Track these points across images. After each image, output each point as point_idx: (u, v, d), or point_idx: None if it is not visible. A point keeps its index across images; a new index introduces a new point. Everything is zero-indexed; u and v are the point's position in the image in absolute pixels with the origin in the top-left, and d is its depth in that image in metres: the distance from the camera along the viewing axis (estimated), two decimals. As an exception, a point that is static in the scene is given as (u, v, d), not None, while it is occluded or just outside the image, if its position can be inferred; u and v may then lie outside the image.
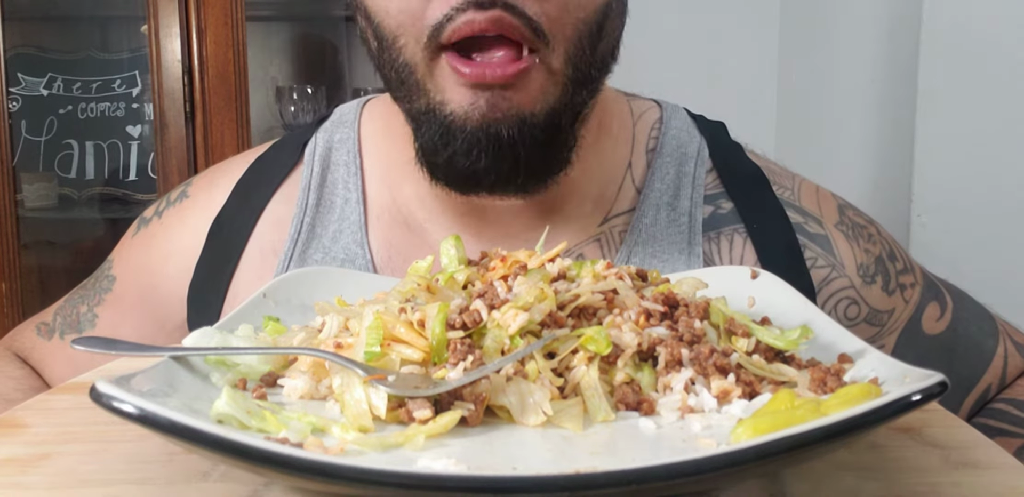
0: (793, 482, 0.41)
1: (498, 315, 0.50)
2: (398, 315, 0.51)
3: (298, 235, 0.80)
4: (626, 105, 0.86)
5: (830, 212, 0.85)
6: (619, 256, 0.78)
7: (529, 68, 0.64)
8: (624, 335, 0.50)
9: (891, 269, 0.84)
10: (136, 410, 0.37)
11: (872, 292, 0.82)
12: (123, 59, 2.17)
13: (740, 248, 0.79)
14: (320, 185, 0.82)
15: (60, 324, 0.89)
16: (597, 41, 0.68)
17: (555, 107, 0.67)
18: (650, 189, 0.81)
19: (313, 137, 0.85)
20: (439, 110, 0.66)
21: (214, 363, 0.51)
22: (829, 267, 0.81)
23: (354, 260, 0.78)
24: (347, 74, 2.32)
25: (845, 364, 0.51)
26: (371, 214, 0.80)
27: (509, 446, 0.43)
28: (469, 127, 0.65)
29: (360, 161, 0.82)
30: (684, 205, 0.80)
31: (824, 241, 0.82)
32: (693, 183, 0.81)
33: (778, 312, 0.60)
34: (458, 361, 0.47)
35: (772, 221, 0.81)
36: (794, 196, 0.84)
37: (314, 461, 0.34)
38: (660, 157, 0.82)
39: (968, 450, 0.45)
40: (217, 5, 1.87)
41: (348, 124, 0.85)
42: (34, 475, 0.42)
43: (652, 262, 0.78)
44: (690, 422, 0.45)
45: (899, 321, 0.84)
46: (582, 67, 0.68)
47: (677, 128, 0.85)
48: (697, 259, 0.78)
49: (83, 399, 0.39)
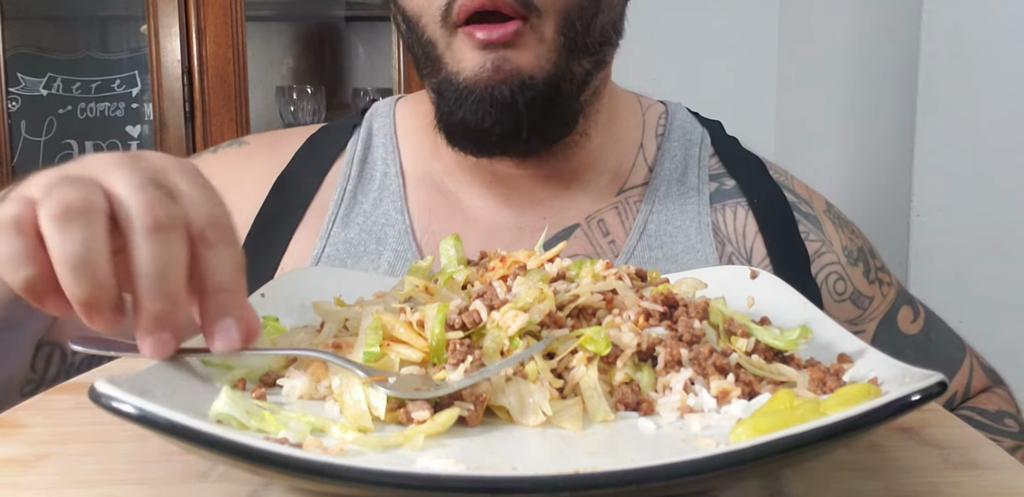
0: (793, 482, 0.41)
1: (497, 316, 0.50)
2: (397, 315, 0.51)
3: (341, 200, 0.87)
4: (634, 98, 0.94)
5: (819, 202, 0.92)
6: (637, 220, 0.86)
7: (523, 30, 0.73)
8: (623, 335, 0.50)
9: (871, 263, 0.91)
10: (135, 410, 0.37)
11: (856, 273, 0.88)
12: (123, 59, 2.18)
13: (743, 219, 0.87)
14: (362, 160, 0.90)
15: None
16: (593, 13, 0.76)
17: (552, 72, 0.75)
18: (661, 167, 0.89)
19: (363, 121, 0.94)
20: (455, 78, 0.75)
21: (214, 363, 0.51)
22: (819, 242, 0.87)
23: (394, 224, 0.85)
24: (347, 74, 2.32)
25: (844, 364, 0.51)
26: (408, 185, 0.88)
27: (508, 446, 0.43)
28: (477, 90, 0.74)
29: (396, 142, 0.91)
30: (692, 182, 0.89)
31: (815, 221, 0.89)
32: (699, 164, 0.90)
33: (777, 312, 0.60)
34: (458, 362, 0.47)
35: (771, 197, 0.89)
36: (788, 182, 0.91)
37: (313, 461, 0.34)
38: (668, 141, 0.91)
39: (967, 450, 0.45)
40: (217, 5, 1.87)
41: (384, 114, 0.94)
42: (33, 475, 0.42)
43: (667, 228, 0.85)
44: (689, 422, 0.45)
45: (878, 311, 0.89)
46: (573, 36, 0.76)
47: (681, 120, 0.93)
48: (707, 227, 0.86)
49: (82, 399, 0.39)
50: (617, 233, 0.85)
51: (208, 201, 0.46)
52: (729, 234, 0.86)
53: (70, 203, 0.42)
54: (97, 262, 0.42)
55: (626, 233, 0.85)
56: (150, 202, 0.43)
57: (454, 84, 0.75)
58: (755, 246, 0.85)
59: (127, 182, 0.44)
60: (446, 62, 0.76)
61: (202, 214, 0.45)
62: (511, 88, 0.74)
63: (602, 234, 0.85)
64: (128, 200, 0.44)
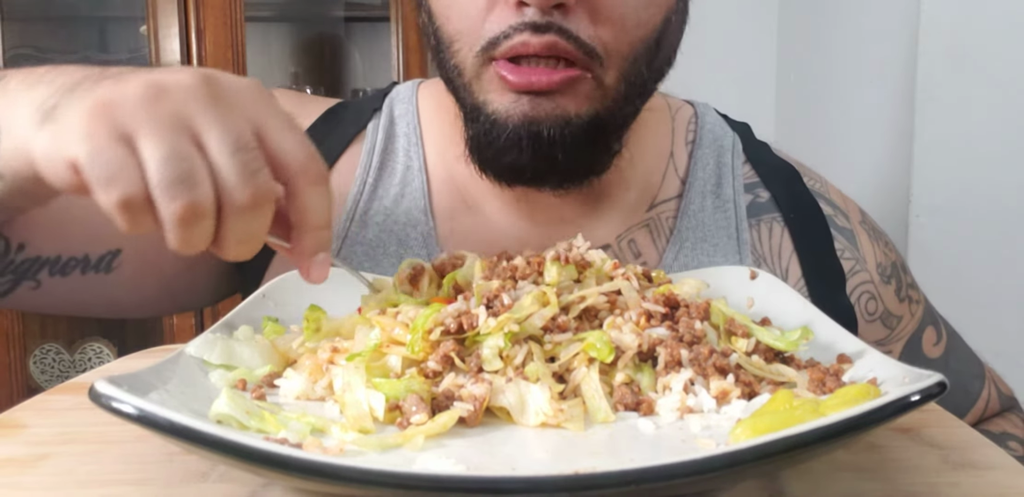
0: (792, 482, 0.41)
1: (493, 322, 0.50)
2: (394, 317, 0.51)
3: (360, 195, 0.81)
4: (663, 100, 0.87)
5: (854, 211, 0.87)
6: (671, 241, 0.80)
7: (577, 77, 0.66)
8: (624, 336, 0.50)
9: (903, 279, 0.86)
10: (135, 410, 0.37)
11: (888, 292, 0.83)
12: (122, 60, 2.17)
13: (779, 236, 0.81)
14: (384, 150, 0.83)
15: None
16: (654, 57, 0.69)
17: (601, 113, 0.68)
18: (694, 178, 0.82)
19: (383, 105, 0.86)
20: (483, 108, 0.68)
21: (215, 364, 0.51)
22: (854, 260, 0.82)
23: (416, 225, 0.79)
24: (346, 75, 2.32)
25: (844, 364, 0.51)
26: (432, 184, 0.81)
27: (508, 446, 0.43)
28: (511, 125, 0.66)
29: (420, 133, 0.83)
30: (727, 193, 0.82)
31: (850, 235, 0.83)
32: (733, 173, 0.83)
33: (777, 312, 0.60)
34: (440, 359, 0.48)
35: (807, 211, 0.83)
36: (824, 189, 0.86)
37: (313, 461, 0.34)
38: (700, 148, 0.84)
39: (967, 450, 0.45)
40: (216, 6, 1.87)
41: (407, 100, 0.86)
42: (33, 475, 0.42)
43: (703, 246, 0.80)
44: (689, 422, 0.45)
45: (905, 331, 0.85)
46: (636, 82, 0.69)
47: (712, 123, 0.87)
48: (745, 245, 0.80)
49: (82, 399, 0.39)
50: (649, 254, 0.79)
51: (299, 144, 0.47)
52: (765, 253, 0.81)
53: (174, 175, 0.43)
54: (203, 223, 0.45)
55: (659, 253, 0.79)
56: (244, 176, 0.44)
57: (483, 114, 0.68)
58: (790, 266, 0.80)
59: (221, 144, 0.44)
60: (472, 90, 0.69)
61: (296, 159, 0.47)
62: (551, 127, 0.66)
63: (633, 255, 0.79)
64: (224, 169, 0.44)
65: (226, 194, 0.44)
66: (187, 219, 0.44)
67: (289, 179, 0.47)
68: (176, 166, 0.43)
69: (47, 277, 0.74)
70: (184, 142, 0.44)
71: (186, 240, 0.45)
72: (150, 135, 0.44)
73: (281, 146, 0.46)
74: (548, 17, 0.63)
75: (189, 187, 0.43)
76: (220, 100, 0.46)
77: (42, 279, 0.74)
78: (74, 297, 0.77)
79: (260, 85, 0.49)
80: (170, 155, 0.43)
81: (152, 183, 0.43)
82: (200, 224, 0.44)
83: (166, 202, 0.43)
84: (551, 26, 0.63)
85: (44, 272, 0.73)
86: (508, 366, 0.48)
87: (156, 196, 0.43)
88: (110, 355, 2.06)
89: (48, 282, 0.74)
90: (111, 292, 0.78)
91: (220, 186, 0.44)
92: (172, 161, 0.43)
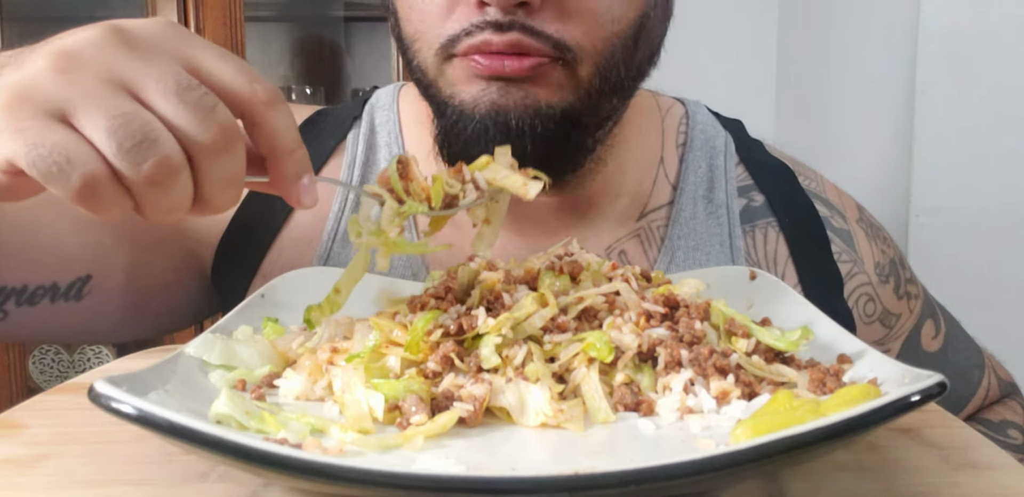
0: (792, 482, 0.41)
1: (492, 322, 0.50)
2: (392, 319, 0.52)
3: (342, 213, 0.78)
4: (652, 100, 0.85)
5: (851, 208, 0.85)
6: (663, 251, 0.78)
7: (548, 64, 0.64)
8: (624, 337, 0.50)
9: (901, 275, 0.85)
10: (135, 410, 0.37)
11: (886, 292, 0.82)
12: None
13: (774, 242, 0.80)
14: (365, 162, 0.80)
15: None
16: (632, 53, 0.68)
17: (575, 105, 0.66)
18: (685, 183, 0.80)
19: (363, 112, 0.84)
20: (449, 102, 0.66)
21: (214, 364, 0.51)
22: (851, 262, 0.81)
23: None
24: (346, 75, 2.32)
25: (844, 365, 0.51)
26: None
27: (508, 447, 0.43)
28: (478, 115, 0.64)
29: (402, 143, 0.81)
30: (720, 197, 0.80)
31: (847, 236, 0.82)
32: (726, 176, 0.81)
33: (777, 312, 0.60)
34: (440, 359, 0.48)
35: (803, 215, 0.81)
36: (820, 188, 0.84)
37: (313, 462, 0.34)
38: (691, 151, 0.82)
39: (967, 451, 0.45)
40: (216, 5, 1.87)
41: (387, 107, 0.84)
42: (32, 476, 0.42)
43: (695, 255, 0.78)
44: (689, 423, 0.45)
45: (904, 328, 0.84)
46: (612, 77, 0.67)
47: (703, 123, 0.84)
48: (739, 252, 0.78)
49: (82, 399, 0.39)
50: (640, 265, 0.75)
51: (239, 70, 0.44)
52: (759, 260, 0.79)
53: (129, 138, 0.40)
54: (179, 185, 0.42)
55: (650, 264, 0.78)
56: (201, 116, 0.41)
57: (451, 107, 0.66)
58: (786, 272, 0.79)
59: (162, 91, 0.41)
60: (439, 86, 0.67)
61: (243, 86, 0.43)
62: (519, 117, 0.64)
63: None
64: (178, 116, 0.41)
65: (191, 140, 0.41)
66: (161, 179, 0.40)
67: (244, 108, 0.43)
68: (126, 129, 0.39)
69: (14, 308, 0.70)
70: (122, 101, 0.40)
71: (167, 204, 0.41)
72: (83, 106, 0.40)
73: (222, 77, 0.43)
74: (511, 16, 0.62)
75: (149, 145, 0.40)
76: (137, 47, 0.42)
77: (8, 310, 0.70)
78: (44, 326, 0.73)
79: (172, 22, 0.45)
80: (115, 119, 0.39)
81: (110, 154, 0.40)
82: (177, 181, 0.41)
83: (132, 168, 0.40)
84: (514, 24, 0.62)
85: (11, 303, 0.70)
86: (508, 366, 0.48)
87: (119, 166, 0.40)
88: (109, 355, 2.06)
89: (15, 313, 0.70)
90: (83, 319, 0.74)
91: (181, 134, 0.41)
92: (120, 125, 0.39)
